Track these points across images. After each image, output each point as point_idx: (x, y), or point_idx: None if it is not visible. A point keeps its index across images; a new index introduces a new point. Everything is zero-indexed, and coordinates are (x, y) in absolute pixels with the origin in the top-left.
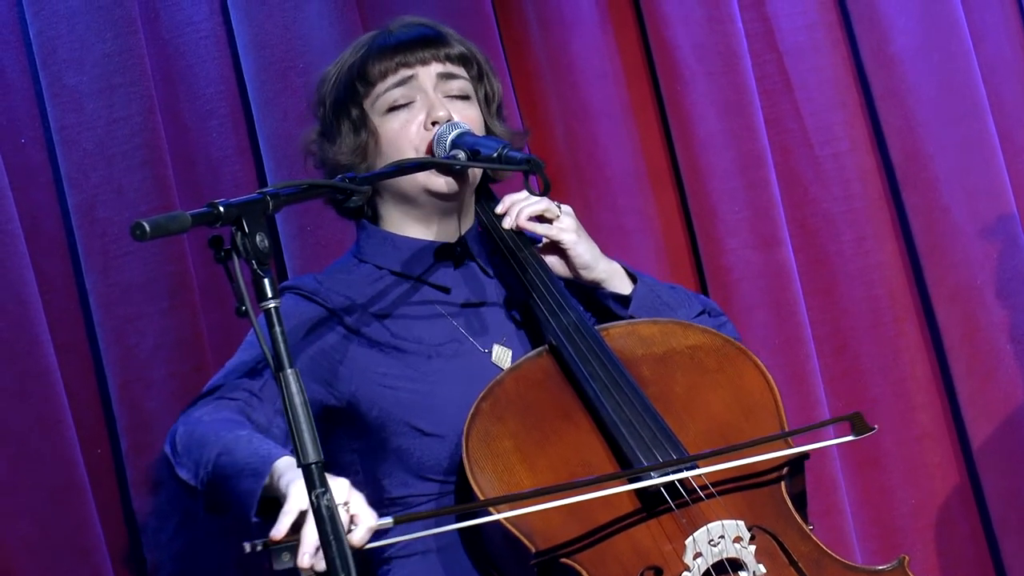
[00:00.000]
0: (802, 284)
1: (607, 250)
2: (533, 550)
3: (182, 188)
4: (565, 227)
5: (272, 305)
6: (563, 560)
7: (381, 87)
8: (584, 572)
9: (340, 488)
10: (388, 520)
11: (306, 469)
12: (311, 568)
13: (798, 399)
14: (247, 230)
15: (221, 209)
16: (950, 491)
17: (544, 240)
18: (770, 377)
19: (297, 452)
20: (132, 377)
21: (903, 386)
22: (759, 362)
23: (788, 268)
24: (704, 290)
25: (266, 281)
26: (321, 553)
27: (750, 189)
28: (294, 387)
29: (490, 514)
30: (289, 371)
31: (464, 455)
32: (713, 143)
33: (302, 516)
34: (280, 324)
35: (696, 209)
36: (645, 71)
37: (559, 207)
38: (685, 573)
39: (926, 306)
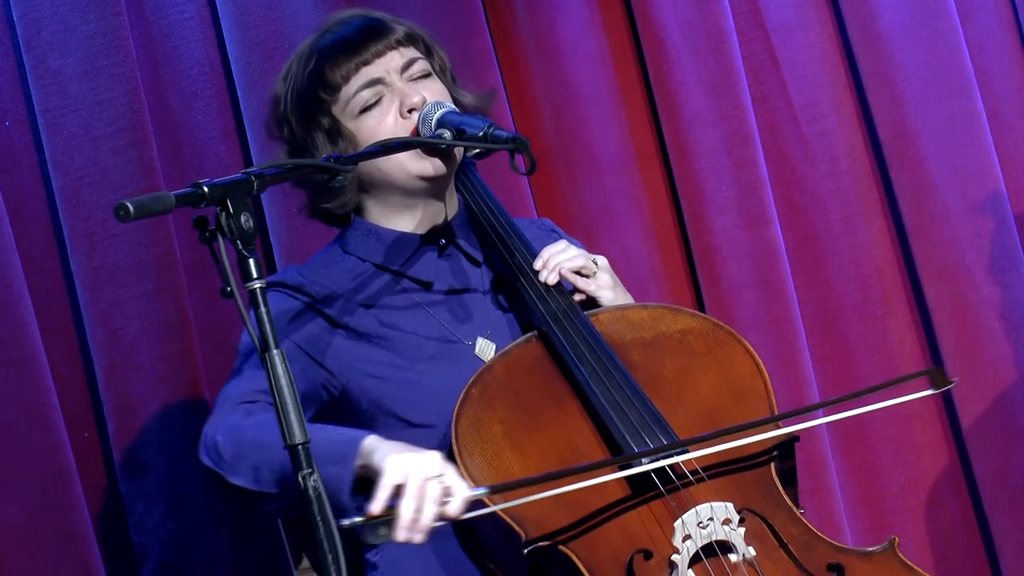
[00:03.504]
0: (790, 263)
1: (596, 231)
2: (524, 537)
3: (167, 170)
4: (603, 284)
5: (258, 285)
6: (554, 546)
7: (347, 91)
8: (575, 557)
9: (432, 461)
10: (483, 490)
11: (293, 450)
12: (407, 541)
13: (787, 378)
14: (232, 210)
15: (205, 189)
16: (940, 470)
17: (578, 296)
18: (760, 360)
19: (284, 432)
20: (118, 360)
21: (892, 364)
22: (749, 346)
23: (776, 247)
24: (692, 270)
25: (251, 261)
26: (418, 526)
27: (737, 168)
28: (279, 368)
29: (482, 504)
30: (275, 352)
31: (453, 441)
32: (700, 122)
33: (398, 490)
34: (265, 305)
35: (684, 189)
36: (632, 51)
37: (596, 262)
38: (674, 556)
39: (915, 284)
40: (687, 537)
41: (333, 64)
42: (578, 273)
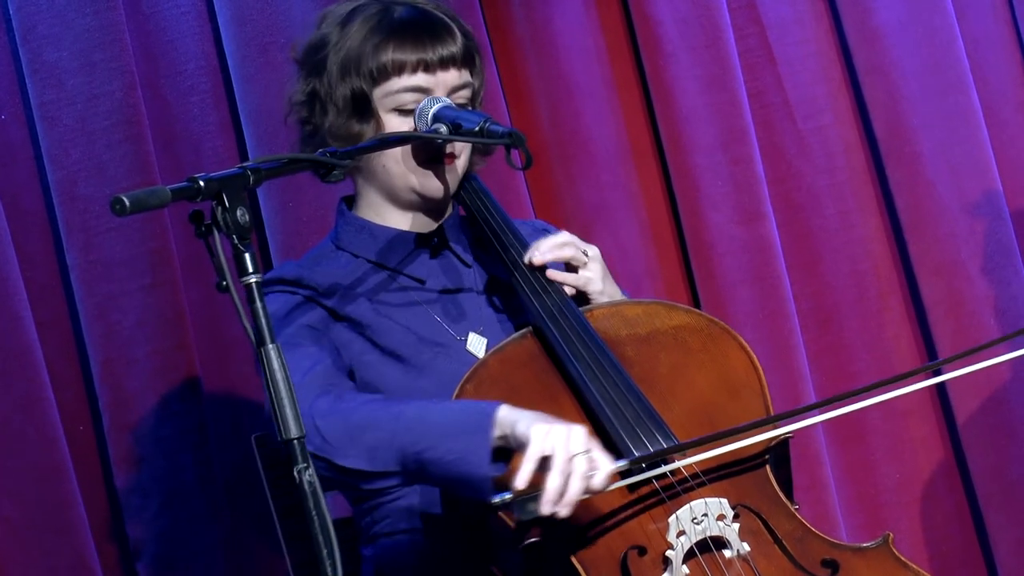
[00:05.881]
0: (786, 259)
1: (592, 227)
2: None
3: (163, 164)
4: (592, 276)
5: (254, 280)
6: (549, 543)
7: (396, 83)
8: (569, 553)
9: (579, 435)
10: (624, 463)
11: (288, 444)
12: (554, 515)
13: (782, 374)
14: (228, 205)
15: (201, 183)
16: (935, 467)
17: (568, 289)
18: (754, 356)
19: (279, 427)
20: (114, 355)
21: (887, 360)
22: (743, 342)
23: (772, 243)
24: (688, 265)
25: (247, 256)
26: (565, 500)
27: (733, 164)
28: (275, 363)
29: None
30: (270, 346)
31: None
32: (696, 118)
33: (543, 462)
34: (261, 299)
35: (679, 184)
36: (628, 46)
37: (586, 253)
38: (669, 552)
39: (910, 280)
40: (681, 533)
41: (399, 49)
42: (567, 267)
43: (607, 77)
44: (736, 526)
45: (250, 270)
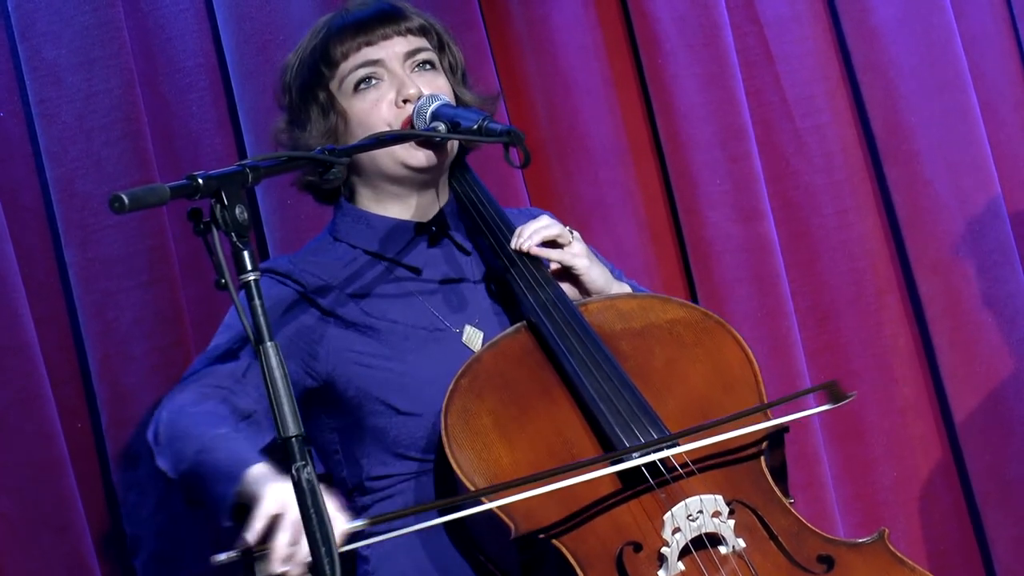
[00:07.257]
0: (784, 257)
1: (590, 224)
2: (513, 529)
3: (162, 162)
4: (577, 252)
5: (252, 278)
6: (544, 538)
7: (345, 67)
8: (564, 549)
9: None
10: (361, 522)
11: (286, 442)
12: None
13: (780, 372)
14: (226, 202)
15: (200, 181)
16: (932, 464)
17: (553, 266)
18: (749, 350)
19: (277, 425)
20: (112, 351)
21: (885, 359)
22: (738, 335)
23: (770, 241)
24: (686, 263)
25: (246, 254)
26: (295, 559)
27: (731, 162)
28: (274, 360)
29: (478, 503)
30: (268, 344)
31: (443, 432)
32: (694, 115)
33: (274, 521)
34: (260, 297)
35: (677, 182)
36: (626, 44)
37: (571, 232)
38: (664, 548)
39: (908, 278)
40: (676, 530)
41: (338, 40)
42: (553, 243)
43: (605, 75)
44: (731, 522)
45: (249, 268)
